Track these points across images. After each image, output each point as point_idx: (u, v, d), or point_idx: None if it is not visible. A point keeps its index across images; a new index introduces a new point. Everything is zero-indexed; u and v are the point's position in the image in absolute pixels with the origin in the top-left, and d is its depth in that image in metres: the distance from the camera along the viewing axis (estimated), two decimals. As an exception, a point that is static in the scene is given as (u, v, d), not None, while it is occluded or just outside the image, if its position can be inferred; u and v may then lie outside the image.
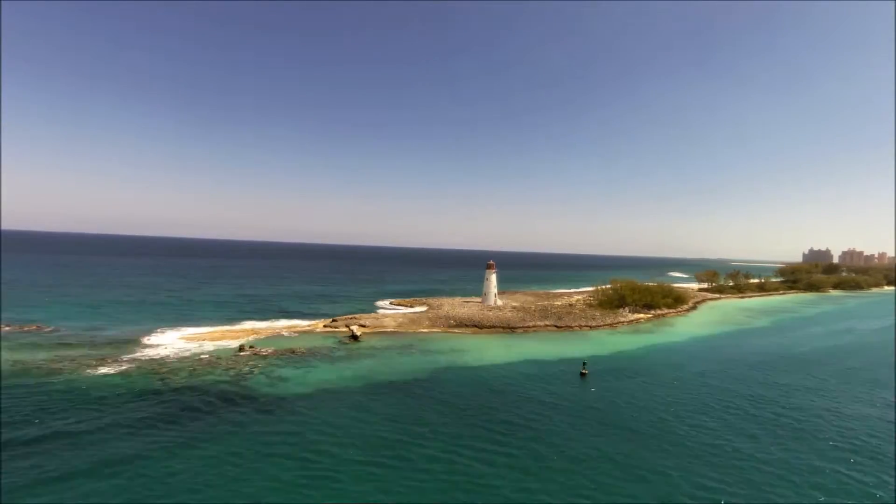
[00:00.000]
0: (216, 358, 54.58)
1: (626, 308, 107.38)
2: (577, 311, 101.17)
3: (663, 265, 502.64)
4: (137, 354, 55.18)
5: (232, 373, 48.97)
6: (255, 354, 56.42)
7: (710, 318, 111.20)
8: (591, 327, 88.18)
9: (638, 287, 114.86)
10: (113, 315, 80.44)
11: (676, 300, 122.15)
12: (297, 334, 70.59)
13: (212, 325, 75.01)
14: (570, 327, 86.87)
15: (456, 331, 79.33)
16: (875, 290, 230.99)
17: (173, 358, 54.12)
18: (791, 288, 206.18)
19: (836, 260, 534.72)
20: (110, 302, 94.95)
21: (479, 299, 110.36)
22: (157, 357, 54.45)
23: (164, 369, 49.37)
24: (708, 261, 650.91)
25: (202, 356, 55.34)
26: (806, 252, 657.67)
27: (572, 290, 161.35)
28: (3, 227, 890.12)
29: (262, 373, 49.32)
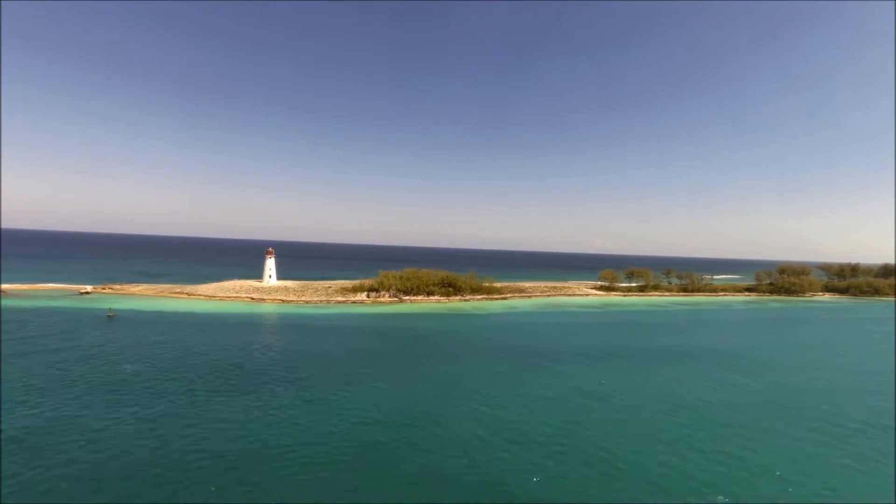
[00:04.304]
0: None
1: (378, 293, 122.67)
2: (320, 292, 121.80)
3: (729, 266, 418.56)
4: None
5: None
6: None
7: (468, 306, 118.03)
8: (282, 301, 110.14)
9: (408, 276, 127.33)
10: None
11: (458, 290, 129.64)
12: (69, 290, 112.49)
13: (41, 283, 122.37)
14: (263, 300, 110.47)
15: (173, 295, 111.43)
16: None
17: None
18: (751, 291, 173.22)
19: None
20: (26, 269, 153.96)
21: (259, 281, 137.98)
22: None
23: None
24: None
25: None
26: None
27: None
28: (4, 227, 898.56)
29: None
